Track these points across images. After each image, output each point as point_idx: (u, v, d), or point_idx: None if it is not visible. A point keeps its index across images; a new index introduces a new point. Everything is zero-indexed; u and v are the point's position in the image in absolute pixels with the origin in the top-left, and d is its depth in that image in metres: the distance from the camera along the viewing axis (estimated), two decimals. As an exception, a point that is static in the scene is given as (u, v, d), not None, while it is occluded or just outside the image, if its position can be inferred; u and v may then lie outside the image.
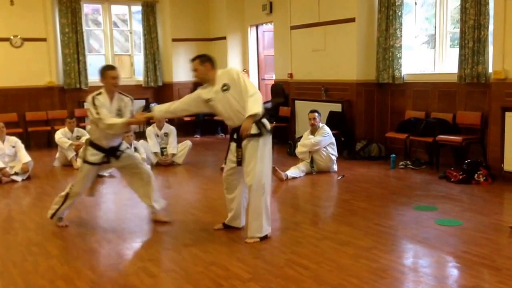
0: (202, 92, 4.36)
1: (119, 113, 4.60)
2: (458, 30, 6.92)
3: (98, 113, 4.45)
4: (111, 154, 4.67)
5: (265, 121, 4.29)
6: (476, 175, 6.07)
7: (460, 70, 6.77)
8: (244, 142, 4.20)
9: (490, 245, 4.05)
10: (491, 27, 6.39)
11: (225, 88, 4.21)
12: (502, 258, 3.77)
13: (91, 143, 4.66)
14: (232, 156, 4.34)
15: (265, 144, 4.24)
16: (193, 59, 4.37)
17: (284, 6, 9.47)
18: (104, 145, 4.62)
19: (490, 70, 6.44)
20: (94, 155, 4.63)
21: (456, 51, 7.02)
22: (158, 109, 4.71)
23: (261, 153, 4.19)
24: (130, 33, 11.45)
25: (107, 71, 4.62)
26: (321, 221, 5.03)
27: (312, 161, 6.89)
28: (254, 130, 4.16)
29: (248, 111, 4.07)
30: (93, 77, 10.81)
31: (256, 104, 4.09)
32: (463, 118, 6.93)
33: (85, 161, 4.69)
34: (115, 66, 4.87)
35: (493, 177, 6.12)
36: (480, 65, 6.54)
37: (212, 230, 4.58)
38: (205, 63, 4.31)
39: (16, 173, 6.96)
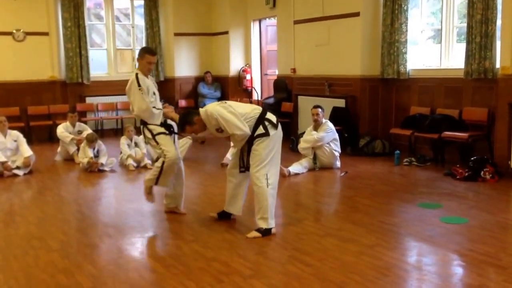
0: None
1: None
2: (465, 24, 6.84)
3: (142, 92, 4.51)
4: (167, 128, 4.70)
5: (270, 116, 4.27)
6: (482, 172, 6.00)
7: (467, 66, 6.69)
8: (253, 147, 4.18)
9: (496, 243, 4.00)
10: (499, 22, 6.31)
11: None
12: (508, 256, 3.72)
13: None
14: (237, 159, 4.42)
15: (271, 140, 4.21)
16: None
17: (288, 0, 9.39)
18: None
19: (498, 65, 6.36)
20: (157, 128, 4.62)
21: (462, 46, 6.94)
22: None
23: (267, 152, 4.17)
24: (132, 27, 11.40)
25: (145, 53, 4.66)
26: (323, 217, 4.98)
27: (315, 157, 6.84)
28: (259, 130, 4.17)
29: None
30: (95, 72, 10.80)
31: None
32: (469, 114, 6.85)
33: (155, 135, 4.58)
34: (156, 52, 4.86)
35: (500, 174, 6.04)
36: (487, 60, 6.45)
37: (213, 226, 4.54)
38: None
39: (17, 167, 6.95)
